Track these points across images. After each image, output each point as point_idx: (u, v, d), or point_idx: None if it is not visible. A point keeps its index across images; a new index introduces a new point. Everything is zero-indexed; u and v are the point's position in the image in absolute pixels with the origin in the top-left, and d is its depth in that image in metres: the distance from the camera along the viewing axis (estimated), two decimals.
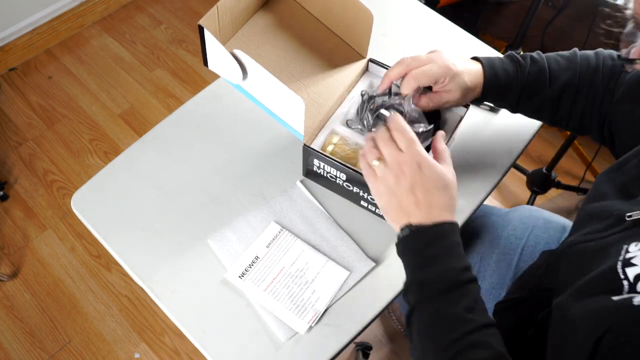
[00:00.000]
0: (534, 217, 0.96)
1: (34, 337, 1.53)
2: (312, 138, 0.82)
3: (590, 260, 0.61)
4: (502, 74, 0.78)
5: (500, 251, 0.93)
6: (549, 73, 0.79)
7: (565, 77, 0.78)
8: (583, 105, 0.79)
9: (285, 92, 0.75)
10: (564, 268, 0.67)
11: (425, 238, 0.64)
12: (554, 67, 0.79)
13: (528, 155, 1.91)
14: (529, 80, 0.79)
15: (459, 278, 0.61)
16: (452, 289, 0.61)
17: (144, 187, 0.88)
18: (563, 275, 0.66)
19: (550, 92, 0.79)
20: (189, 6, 2.25)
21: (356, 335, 0.76)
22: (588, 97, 0.78)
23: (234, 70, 0.80)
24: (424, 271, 0.63)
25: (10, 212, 1.74)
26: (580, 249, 0.64)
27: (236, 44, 0.88)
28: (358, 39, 0.89)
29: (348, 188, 0.83)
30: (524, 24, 1.61)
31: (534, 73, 0.79)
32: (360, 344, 1.47)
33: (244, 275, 0.79)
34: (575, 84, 0.78)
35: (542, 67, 0.79)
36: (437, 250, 0.63)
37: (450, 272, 0.61)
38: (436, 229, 0.64)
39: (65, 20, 2.09)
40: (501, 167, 0.90)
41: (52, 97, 1.98)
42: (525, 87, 0.79)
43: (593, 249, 0.63)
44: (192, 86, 2.02)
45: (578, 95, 0.79)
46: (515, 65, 0.79)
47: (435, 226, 0.64)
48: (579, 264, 0.63)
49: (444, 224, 0.64)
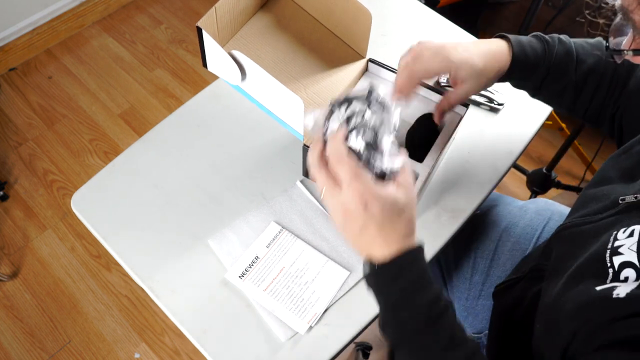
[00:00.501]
0: (550, 210, 0.97)
1: (34, 337, 1.53)
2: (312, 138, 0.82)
3: (582, 244, 0.61)
4: (531, 52, 0.75)
5: (515, 240, 0.94)
6: (576, 56, 0.77)
7: (591, 61, 0.76)
8: (605, 92, 0.77)
9: (284, 92, 0.75)
10: (557, 251, 0.67)
11: (389, 275, 0.59)
12: (581, 51, 0.77)
13: (528, 155, 1.91)
14: (556, 60, 0.76)
15: (431, 313, 0.57)
16: (427, 326, 0.57)
17: (144, 187, 0.88)
18: (556, 259, 0.66)
19: (575, 76, 0.77)
20: (189, 6, 2.25)
21: (356, 335, 0.76)
22: (611, 84, 0.77)
23: (233, 72, 0.80)
24: (396, 312, 0.59)
25: (10, 212, 1.74)
26: (574, 233, 0.64)
27: (235, 45, 0.88)
28: (357, 39, 0.89)
29: None
30: (524, 24, 1.61)
31: (561, 54, 0.76)
32: (360, 344, 1.47)
33: (244, 275, 0.79)
34: (601, 70, 0.76)
35: (569, 48, 0.77)
36: (403, 287, 0.58)
37: (421, 309, 0.57)
38: (398, 263, 0.58)
39: (65, 20, 2.09)
40: (501, 167, 0.90)
41: (52, 97, 1.98)
42: (552, 68, 0.76)
43: (586, 232, 0.62)
44: (192, 86, 2.02)
45: (602, 81, 0.77)
46: (543, 45, 0.77)
47: (396, 260, 0.58)
48: (572, 248, 0.63)
49: (404, 255, 0.58)
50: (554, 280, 0.62)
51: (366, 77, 0.90)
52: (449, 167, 0.90)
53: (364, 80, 0.90)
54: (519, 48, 0.75)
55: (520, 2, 2.23)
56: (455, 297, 0.96)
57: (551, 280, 0.64)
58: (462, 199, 0.87)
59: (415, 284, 0.58)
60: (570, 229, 0.66)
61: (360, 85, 0.89)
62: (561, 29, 2.12)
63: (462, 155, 0.91)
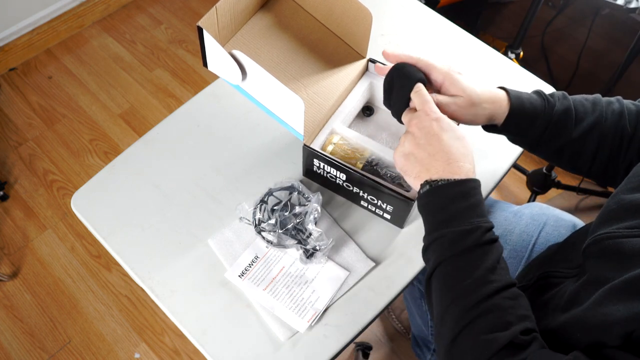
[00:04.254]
0: (545, 215, 0.96)
1: (34, 337, 1.53)
2: (312, 138, 0.82)
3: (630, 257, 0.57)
4: (529, 106, 0.74)
5: (511, 247, 0.94)
6: (575, 114, 0.75)
7: (590, 119, 0.75)
8: (609, 150, 0.75)
9: (285, 92, 0.75)
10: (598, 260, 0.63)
11: (447, 194, 0.63)
12: (580, 109, 0.75)
13: (528, 155, 1.91)
14: (556, 117, 0.75)
15: (482, 238, 0.61)
16: (474, 248, 0.60)
17: (144, 187, 0.88)
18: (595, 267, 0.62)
19: (573, 134, 0.75)
20: (189, 6, 2.25)
21: (356, 335, 0.76)
22: (614, 141, 0.74)
23: (233, 71, 0.80)
24: (446, 229, 0.62)
25: (10, 212, 1.74)
26: (619, 244, 0.60)
27: (235, 45, 0.88)
28: (358, 39, 0.89)
29: (348, 188, 0.83)
30: (524, 24, 1.61)
31: (561, 110, 0.75)
32: (360, 344, 1.47)
33: (244, 274, 0.79)
34: (600, 128, 0.74)
35: (568, 106, 0.75)
36: (459, 208, 0.62)
37: (473, 231, 0.61)
38: (458, 185, 0.63)
39: (65, 20, 2.09)
40: (501, 167, 0.90)
41: (52, 97, 1.98)
42: (550, 123, 0.75)
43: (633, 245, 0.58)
44: (192, 86, 2.02)
45: (603, 139, 0.75)
46: (543, 100, 0.75)
47: (457, 182, 0.63)
48: (618, 260, 0.59)
49: (466, 181, 0.64)
50: (590, 290, 0.59)
51: (366, 77, 0.90)
52: None
53: (365, 80, 0.90)
54: (516, 100, 0.74)
55: (520, 2, 2.23)
56: None
57: (586, 289, 0.61)
58: None
59: (472, 209, 0.63)
60: (616, 239, 0.61)
61: (361, 84, 0.89)
62: (561, 29, 2.12)
63: None
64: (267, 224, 0.80)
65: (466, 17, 2.08)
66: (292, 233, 0.80)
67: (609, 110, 0.75)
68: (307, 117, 0.80)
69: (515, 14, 2.22)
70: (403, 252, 0.82)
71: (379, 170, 0.80)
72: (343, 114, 0.86)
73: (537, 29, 2.06)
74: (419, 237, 0.83)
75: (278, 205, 0.82)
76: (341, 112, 0.86)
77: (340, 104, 0.87)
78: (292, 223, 0.80)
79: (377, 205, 0.82)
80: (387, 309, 0.81)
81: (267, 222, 0.80)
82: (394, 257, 0.82)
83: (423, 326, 1.19)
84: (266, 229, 0.80)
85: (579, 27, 2.12)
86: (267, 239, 0.80)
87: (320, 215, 0.81)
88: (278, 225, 0.80)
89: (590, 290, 0.59)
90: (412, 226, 0.84)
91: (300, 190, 0.84)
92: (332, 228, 0.84)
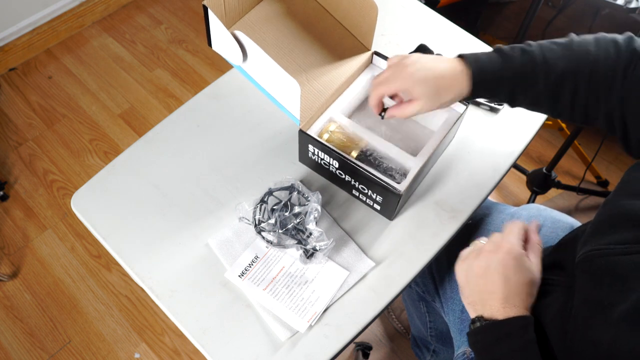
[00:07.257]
0: (542, 217, 0.96)
1: (34, 337, 1.53)
2: (310, 124, 0.83)
3: (623, 278, 0.55)
4: (489, 68, 0.72)
5: None
6: (544, 61, 0.72)
7: (562, 64, 0.71)
8: (585, 93, 0.71)
9: (282, 74, 0.75)
10: (591, 280, 0.60)
11: (497, 334, 0.63)
12: (549, 55, 0.72)
13: (528, 155, 1.91)
14: (519, 70, 0.72)
15: None
16: None
17: (144, 187, 0.88)
18: (586, 287, 0.60)
19: (545, 83, 0.72)
20: (189, 6, 2.25)
21: (356, 335, 0.76)
22: (591, 84, 0.70)
23: (234, 52, 0.79)
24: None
25: (10, 212, 1.74)
26: (611, 263, 0.58)
27: (242, 27, 0.87)
28: (363, 31, 0.89)
29: (340, 176, 0.83)
30: (524, 24, 1.61)
31: (524, 62, 0.72)
32: (360, 344, 1.47)
33: (244, 274, 0.79)
34: (575, 71, 0.71)
35: (533, 56, 0.72)
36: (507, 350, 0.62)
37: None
38: (508, 325, 0.62)
39: (65, 20, 2.09)
40: (501, 167, 0.90)
41: (52, 97, 1.98)
42: (515, 79, 0.72)
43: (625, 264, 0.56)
44: (192, 86, 2.02)
45: (579, 83, 0.71)
46: (501, 58, 0.73)
47: (507, 321, 0.63)
48: (609, 282, 0.57)
49: (516, 319, 0.63)
50: (582, 310, 0.59)
51: (370, 69, 0.90)
52: (449, 167, 0.90)
53: (368, 72, 0.90)
54: (476, 66, 0.73)
55: (520, 2, 2.23)
56: (449, 310, 0.93)
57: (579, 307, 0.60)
58: (462, 199, 0.87)
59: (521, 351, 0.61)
60: (608, 257, 0.59)
61: (364, 76, 0.89)
62: (561, 29, 2.12)
63: (462, 156, 0.91)
64: (267, 224, 0.80)
65: (466, 17, 2.08)
66: (292, 233, 0.80)
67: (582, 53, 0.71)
68: (306, 102, 0.80)
69: (515, 14, 2.22)
70: (403, 252, 0.82)
71: (372, 161, 0.81)
72: (343, 103, 0.86)
73: (537, 29, 2.06)
74: (419, 236, 0.83)
75: (278, 205, 0.82)
76: (342, 101, 0.87)
77: (341, 93, 0.87)
78: (292, 223, 0.80)
79: (368, 195, 0.83)
80: (387, 309, 0.81)
81: (267, 222, 0.80)
82: (393, 257, 0.82)
83: (422, 327, 1.19)
84: (266, 229, 0.80)
85: (579, 27, 2.12)
86: (267, 239, 0.80)
87: (320, 215, 0.81)
88: (278, 225, 0.80)
89: (582, 310, 0.59)
90: (411, 223, 0.84)
91: (300, 190, 0.84)
92: (332, 228, 0.84)
